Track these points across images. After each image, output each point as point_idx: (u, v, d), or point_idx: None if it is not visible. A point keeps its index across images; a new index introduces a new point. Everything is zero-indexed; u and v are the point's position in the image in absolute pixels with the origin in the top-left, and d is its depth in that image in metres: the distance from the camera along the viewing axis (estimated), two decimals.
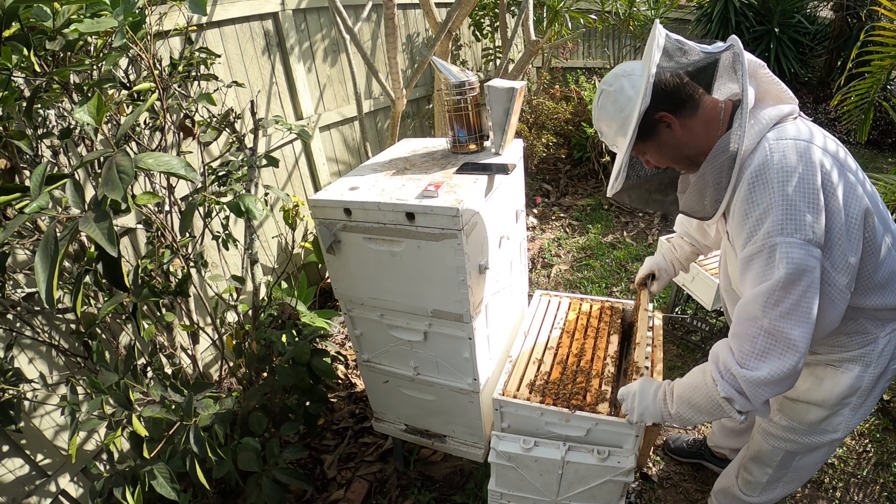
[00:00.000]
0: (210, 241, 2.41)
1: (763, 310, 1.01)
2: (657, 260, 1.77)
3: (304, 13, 3.00)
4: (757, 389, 1.03)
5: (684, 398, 1.17)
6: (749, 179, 1.02)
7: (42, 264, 0.88)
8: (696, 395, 1.14)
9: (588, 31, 5.66)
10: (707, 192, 1.13)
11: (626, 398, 1.33)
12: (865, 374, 1.20)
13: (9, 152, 1.37)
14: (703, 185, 1.14)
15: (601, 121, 1.24)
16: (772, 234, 0.99)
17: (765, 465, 1.47)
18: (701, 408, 1.14)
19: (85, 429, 1.33)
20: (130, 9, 1.20)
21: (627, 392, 1.33)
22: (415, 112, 4.12)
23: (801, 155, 1.00)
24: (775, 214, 0.98)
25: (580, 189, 4.60)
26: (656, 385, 1.28)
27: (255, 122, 1.77)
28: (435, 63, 1.69)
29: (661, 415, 1.24)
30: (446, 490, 2.02)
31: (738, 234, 1.07)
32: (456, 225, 1.35)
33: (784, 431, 1.36)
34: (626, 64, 1.21)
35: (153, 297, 1.45)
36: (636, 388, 1.31)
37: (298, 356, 1.85)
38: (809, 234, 0.97)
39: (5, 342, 1.52)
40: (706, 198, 1.14)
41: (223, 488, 1.83)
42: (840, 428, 1.29)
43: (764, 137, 1.05)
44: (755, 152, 1.04)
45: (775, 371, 1.00)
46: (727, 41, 1.12)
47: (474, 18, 4.50)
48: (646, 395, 1.27)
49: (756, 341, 1.03)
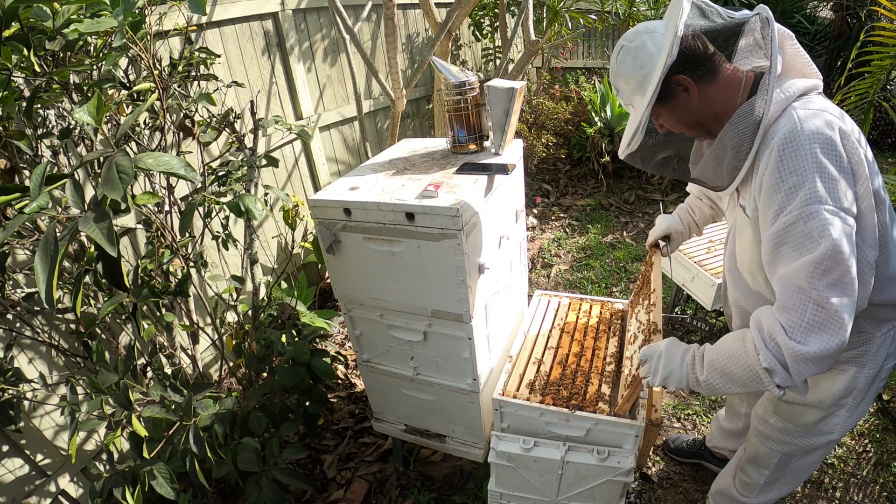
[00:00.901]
0: (210, 241, 2.41)
1: (810, 281, 0.95)
2: (672, 221, 1.68)
3: (304, 13, 3.00)
4: (802, 365, 0.97)
5: (717, 365, 1.09)
6: (779, 147, 0.98)
7: (42, 264, 0.88)
8: (732, 364, 1.06)
9: (588, 31, 5.66)
10: (724, 160, 1.09)
11: (650, 359, 1.21)
12: (861, 374, 1.20)
13: (9, 152, 1.37)
14: (720, 152, 1.09)
15: (619, 77, 1.17)
16: (809, 201, 0.94)
17: (762, 467, 1.47)
18: (735, 377, 1.06)
19: (85, 429, 1.33)
20: (130, 9, 1.20)
21: (651, 352, 1.21)
22: (415, 112, 4.12)
23: (831, 125, 0.97)
24: (810, 182, 0.94)
25: (580, 189, 4.60)
26: (684, 347, 1.18)
27: (255, 122, 1.77)
28: (435, 63, 1.69)
29: (688, 381, 1.15)
30: (446, 490, 2.02)
31: (767, 206, 1.01)
32: (456, 225, 1.35)
33: (780, 433, 1.36)
34: (648, 22, 1.16)
35: (153, 297, 1.45)
36: (662, 349, 1.19)
37: (298, 356, 1.85)
38: (845, 203, 0.94)
39: (5, 342, 1.52)
40: (723, 166, 1.10)
41: (223, 488, 1.83)
42: (836, 429, 1.29)
43: (790, 106, 1.01)
44: (780, 120, 1.00)
45: (823, 347, 0.95)
46: (755, 9, 1.07)
47: (474, 18, 4.50)
48: (672, 358, 1.17)
49: (805, 313, 0.96)
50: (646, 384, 1.23)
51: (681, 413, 2.29)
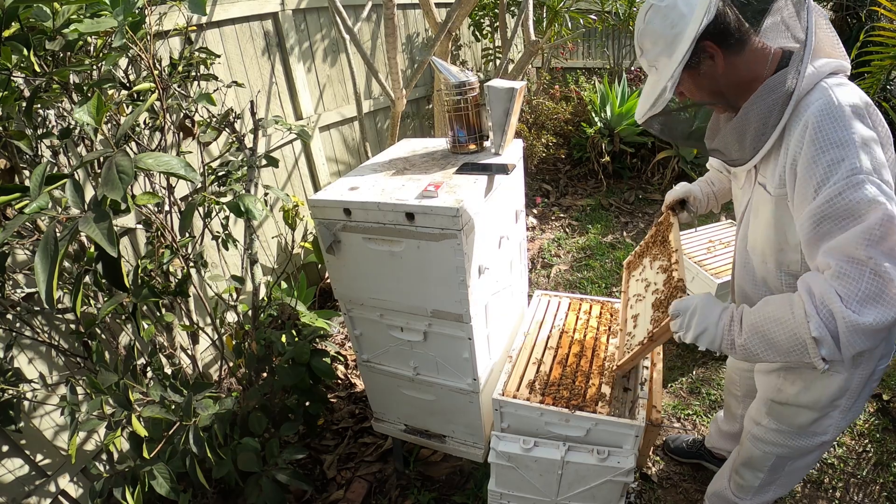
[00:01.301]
0: (210, 241, 2.41)
1: (865, 249, 0.91)
2: (692, 186, 1.62)
3: (304, 13, 3.00)
4: (855, 337, 0.92)
5: (759, 329, 1.03)
6: (816, 120, 0.95)
7: (42, 264, 0.88)
8: (777, 329, 1.00)
9: (588, 32, 5.66)
10: (747, 133, 1.06)
11: (683, 313, 1.15)
12: (854, 375, 1.20)
13: (9, 152, 1.37)
14: (743, 125, 1.06)
15: (645, 37, 1.12)
16: (854, 172, 0.91)
17: (756, 470, 1.47)
18: (777, 345, 1.01)
19: (85, 429, 1.32)
20: (130, 9, 1.20)
21: (685, 307, 1.15)
22: (415, 112, 4.12)
23: (863, 99, 0.96)
24: (853, 153, 0.92)
25: (580, 189, 4.60)
26: (722, 306, 1.12)
27: (255, 122, 1.77)
28: (435, 63, 1.69)
29: (722, 342, 1.09)
30: (446, 490, 2.02)
31: (806, 181, 0.96)
32: (456, 225, 1.35)
33: (774, 435, 1.36)
34: None
35: (153, 298, 1.45)
36: (697, 304, 1.13)
37: (298, 356, 1.85)
38: (886, 176, 0.93)
39: (5, 342, 1.52)
40: (745, 140, 1.06)
41: (223, 488, 1.83)
42: (830, 430, 1.28)
43: (822, 81, 0.99)
44: (812, 94, 0.98)
45: (879, 319, 0.90)
46: None
47: (474, 18, 4.50)
48: (708, 314, 1.10)
49: (861, 282, 0.91)
50: (678, 338, 1.17)
51: (681, 413, 2.29)
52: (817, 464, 2.01)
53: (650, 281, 1.53)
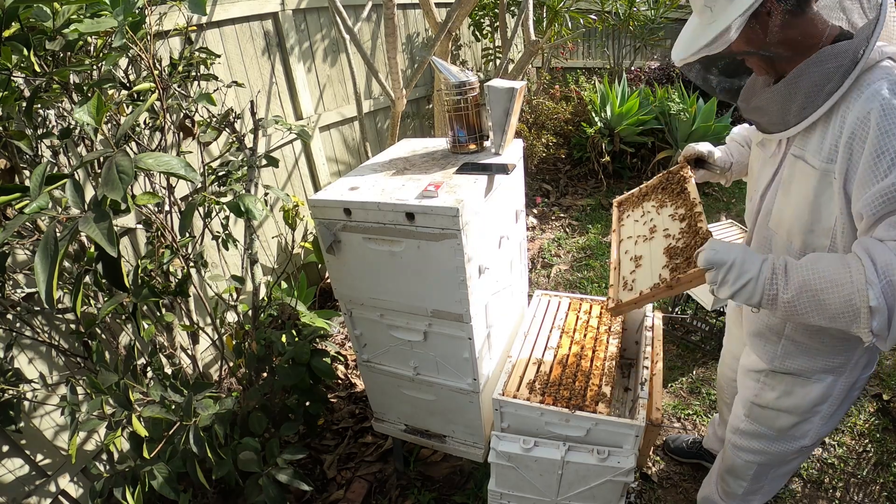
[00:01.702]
0: (210, 241, 2.41)
1: None
2: (714, 148, 1.53)
3: (304, 13, 3.00)
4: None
5: (811, 288, 0.95)
6: (888, 96, 0.90)
7: (42, 264, 0.88)
8: (831, 291, 0.93)
9: (588, 31, 5.66)
10: (795, 99, 1.00)
11: (719, 266, 1.02)
12: (837, 383, 1.20)
13: (9, 152, 1.37)
14: (791, 90, 1.00)
15: None
16: None
17: (739, 479, 1.48)
18: (828, 307, 0.94)
19: (85, 429, 1.33)
20: (130, 9, 1.20)
21: (722, 259, 1.01)
22: (415, 112, 4.12)
23: None
24: None
25: (580, 189, 4.60)
26: (761, 257, 1.02)
27: (255, 122, 1.77)
28: (435, 63, 1.69)
29: (762, 296, 0.99)
30: (446, 490, 2.02)
31: (876, 158, 0.91)
32: (456, 225, 1.34)
33: (753, 441, 1.36)
34: None
35: (153, 297, 1.45)
36: (736, 255, 1.01)
37: (298, 356, 1.85)
38: None
39: (5, 342, 1.52)
40: (791, 105, 1.01)
41: (223, 488, 1.83)
42: (809, 434, 1.28)
43: (884, 61, 0.95)
44: (873, 72, 0.94)
45: None
46: None
47: (474, 18, 4.50)
48: (750, 266, 1.00)
49: None
50: (713, 293, 1.05)
51: (681, 413, 2.29)
52: (817, 464, 2.01)
53: (660, 226, 1.41)
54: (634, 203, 1.63)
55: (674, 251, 1.24)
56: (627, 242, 1.48)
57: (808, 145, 1.02)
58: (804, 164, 1.04)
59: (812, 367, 1.20)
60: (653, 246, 1.36)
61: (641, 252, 1.40)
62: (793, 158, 1.07)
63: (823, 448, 2.08)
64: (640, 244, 1.42)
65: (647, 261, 1.34)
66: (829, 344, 1.16)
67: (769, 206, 1.17)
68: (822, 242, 1.05)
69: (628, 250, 1.45)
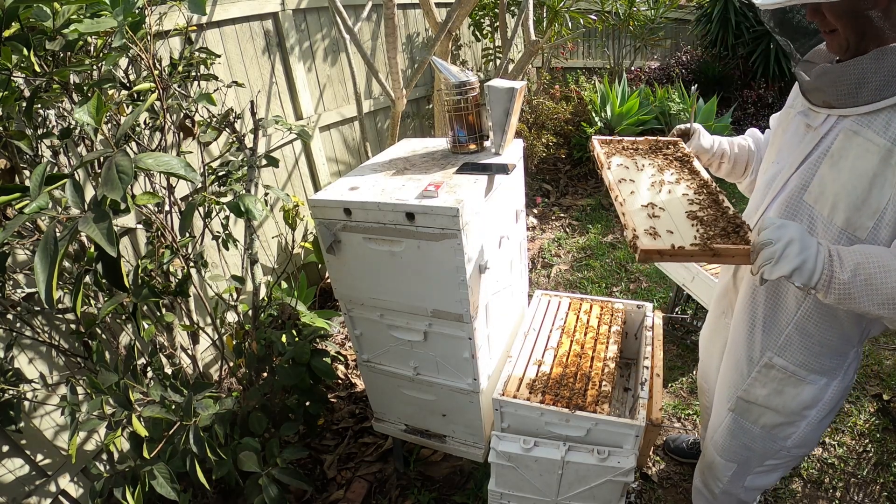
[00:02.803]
0: (210, 241, 2.41)
1: None
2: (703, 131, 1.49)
3: (304, 13, 3.00)
4: None
5: (865, 271, 0.94)
6: None
7: (42, 264, 0.88)
8: (884, 276, 0.93)
9: (588, 31, 5.66)
10: (876, 77, 0.97)
11: (775, 241, 0.97)
12: (830, 386, 1.19)
13: (9, 152, 1.37)
14: (876, 67, 0.96)
15: None
16: None
17: (717, 479, 1.48)
18: (880, 291, 0.93)
19: (85, 429, 1.32)
20: (130, 9, 1.20)
21: (779, 235, 0.97)
22: (415, 112, 4.12)
23: None
24: None
25: (580, 189, 4.60)
26: (814, 239, 0.99)
27: (255, 122, 1.77)
28: (435, 63, 1.69)
29: (819, 277, 0.97)
30: (446, 490, 2.02)
31: None
32: (456, 225, 1.34)
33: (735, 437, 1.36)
34: None
35: (153, 298, 1.45)
36: (795, 232, 0.97)
37: (298, 356, 1.85)
38: None
39: (5, 342, 1.52)
40: (869, 83, 0.97)
41: (223, 488, 1.83)
42: (793, 437, 1.27)
43: None
44: None
45: None
46: None
47: (474, 18, 4.50)
48: (809, 244, 0.96)
49: None
50: (764, 271, 0.99)
51: (681, 413, 2.29)
52: (818, 464, 2.01)
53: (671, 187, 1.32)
54: (624, 152, 1.51)
55: (700, 220, 1.16)
56: (629, 185, 1.35)
57: (874, 123, 0.98)
58: (864, 140, 1.00)
59: (808, 363, 1.19)
60: (668, 203, 1.26)
61: (655, 201, 1.27)
62: (849, 133, 1.02)
63: (823, 448, 2.08)
64: (649, 193, 1.30)
65: (668, 216, 1.22)
66: (833, 341, 1.15)
67: (806, 178, 1.10)
68: (866, 223, 1.01)
69: (634, 192, 1.31)
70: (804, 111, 1.14)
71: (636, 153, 1.49)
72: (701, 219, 1.16)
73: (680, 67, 5.42)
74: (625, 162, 1.45)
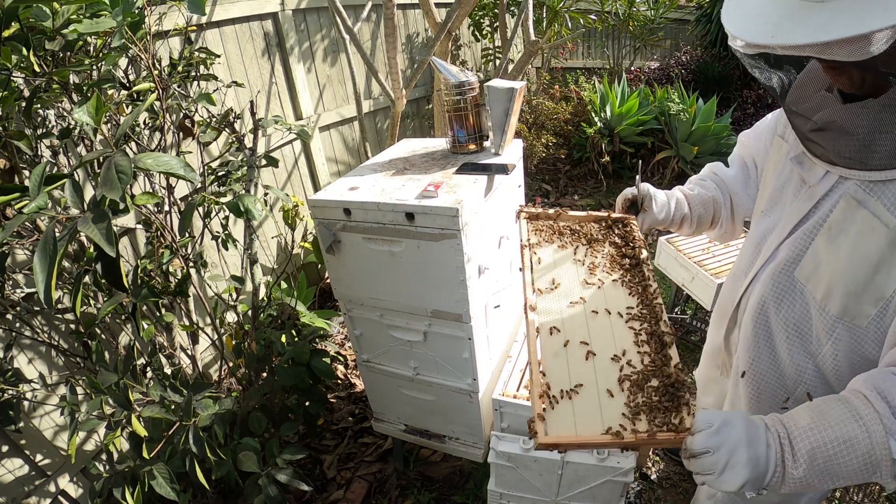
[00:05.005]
0: (210, 241, 2.41)
1: None
2: (656, 193, 1.23)
3: (304, 13, 3.00)
4: None
5: (822, 455, 0.75)
6: None
7: (41, 264, 0.88)
8: (846, 453, 0.75)
9: (588, 32, 5.66)
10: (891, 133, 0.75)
11: (715, 449, 0.77)
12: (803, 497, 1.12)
13: (8, 152, 1.37)
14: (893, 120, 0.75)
15: None
16: None
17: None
18: (843, 471, 0.76)
19: (84, 429, 1.32)
20: (129, 9, 1.20)
21: (719, 442, 0.77)
22: (414, 112, 4.12)
23: None
24: None
25: (580, 189, 4.60)
26: (761, 425, 0.79)
27: (255, 122, 1.77)
28: (435, 63, 1.69)
29: (771, 479, 0.77)
30: (446, 490, 2.02)
31: None
32: (455, 225, 1.34)
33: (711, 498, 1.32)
34: None
35: (153, 298, 1.44)
36: (738, 436, 0.77)
37: (298, 356, 1.85)
38: None
39: (5, 342, 1.52)
40: (886, 140, 0.76)
41: (223, 488, 1.83)
42: None
43: None
44: None
45: None
46: None
47: (474, 18, 4.50)
48: (757, 446, 0.77)
49: None
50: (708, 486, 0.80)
51: None
52: None
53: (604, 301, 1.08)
54: (558, 236, 1.23)
55: (629, 379, 0.93)
56: (553, 302, 1.08)
57: (885, 193, 0.79)
58: (869, 216, 0.80)
59: None
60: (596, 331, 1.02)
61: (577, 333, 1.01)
62: (852, 202, 0.83)
63: None
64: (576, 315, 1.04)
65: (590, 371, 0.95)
66: None
67: (799, 249, 0.93)
68: (867, 311, 0.84)
69: (557, 328, 1.02)
70: (798, 157, 0.94)
71: (572, 236, 1.23)
72: (634, 378, 0.93)
73: (679, 67, 5.42)
74: (555, 259, 1.18)
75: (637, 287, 1.11)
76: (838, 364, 0.91)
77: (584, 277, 1.14)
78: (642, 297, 1.08)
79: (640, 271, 1.14)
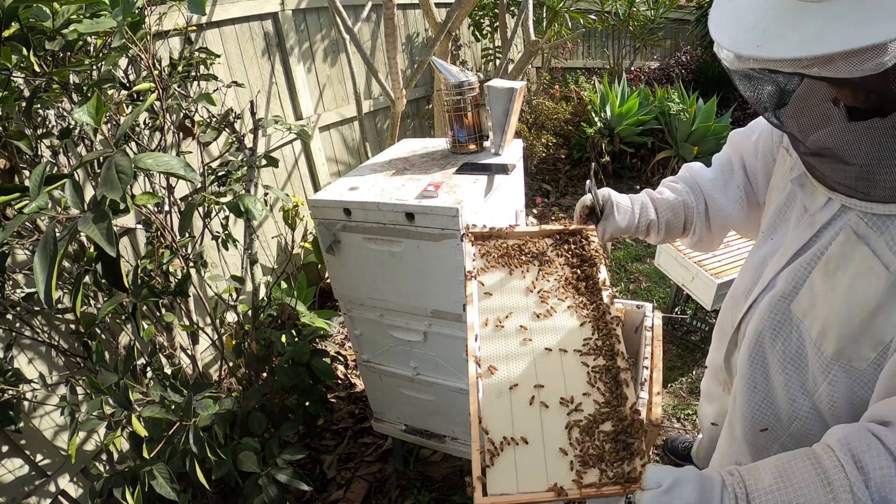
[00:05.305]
0: (210, 241, 2.41)
1: None
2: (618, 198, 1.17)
3: (304, 13, 3.00)
4: None
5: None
6: None
7: (41, 265, 0.88)
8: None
9: (588, 32, 5.66)
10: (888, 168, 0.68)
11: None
12: None
13: (8, 152, 1.37)
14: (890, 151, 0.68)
15: None
16: None
17: None
18: None
19: (84, 429, 1.32)
20: (129, 9, 1.20)
21: (667, 500, 0.72)
22: (414, 112, 4.13)
23: None
24: None
25: (580, 189, 4.60)
26: (717, 482, 0.74)
27: (255, 122, 1.77)
28: (435, 63, 1.69)
29: None
30: (446, 490, 2.02)
31: None
32: (455, 225, 1.34)
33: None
34: None
35: (153, 298, 1.45)
36: (689, 497, 0.71)
37: (298, 356, 1.85)
38: None
39: (5, 342, 1.52)
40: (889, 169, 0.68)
41: (223, 488, 1.83)
42: None
43: None
44: None
45: None
46: None
47: (474, 18, 4.50)
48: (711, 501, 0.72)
49: None
50: None
51: (681, 413, 2.29)
52: None
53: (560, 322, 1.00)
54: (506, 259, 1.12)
55: (578, 426, 0.85)
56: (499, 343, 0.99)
57: (888, 230, 0.72)
58: (869, 254, 0.74)
59: None
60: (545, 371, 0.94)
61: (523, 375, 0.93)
62: (852, 237, 0.76)
63: None
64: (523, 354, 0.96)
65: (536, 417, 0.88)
66: None
67: (796, 281, 0.87)
68: (866, 354, 0.78)
69: (497, 368, 0.94)
70: (800, 179, 0.86)
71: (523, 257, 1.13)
72: (579, 424, 0.86)
73: (680, 67, 5.42)
74: (504, 288, 1.08)
75: (592, 314, 1.01)
76: (835, 405, 0.85)
77: (534, 309, 1.03)
78: (597, 326, 0.99)
79: (597, 295, 1.04)
